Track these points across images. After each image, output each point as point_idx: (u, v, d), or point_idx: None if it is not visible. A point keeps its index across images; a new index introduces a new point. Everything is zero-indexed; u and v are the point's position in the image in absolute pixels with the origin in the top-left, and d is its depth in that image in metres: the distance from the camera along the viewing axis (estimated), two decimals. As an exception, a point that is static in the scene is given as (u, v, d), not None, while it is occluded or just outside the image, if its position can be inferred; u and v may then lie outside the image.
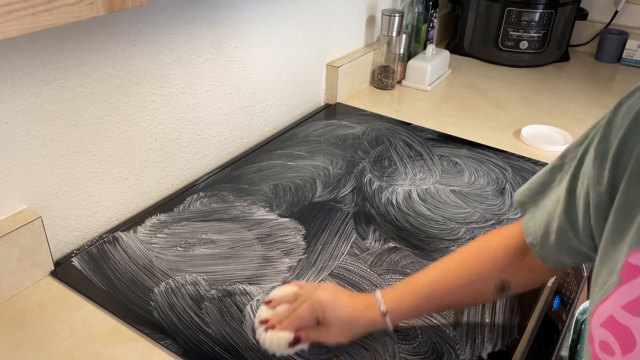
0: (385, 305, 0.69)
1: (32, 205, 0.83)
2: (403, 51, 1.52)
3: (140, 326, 0.76)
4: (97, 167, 0.91)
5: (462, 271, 0.70)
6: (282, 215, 0.99)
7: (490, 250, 0.70)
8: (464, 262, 0.71)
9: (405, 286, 0.72)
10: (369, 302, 0.70)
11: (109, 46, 0.86)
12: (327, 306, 0.69)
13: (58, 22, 0.51)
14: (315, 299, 0.70)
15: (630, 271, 0.46)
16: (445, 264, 0.72)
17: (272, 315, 0.72)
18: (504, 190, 1.08)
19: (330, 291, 0.71)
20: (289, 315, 0.71)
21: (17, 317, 0.78)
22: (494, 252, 0.69)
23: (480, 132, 1.32)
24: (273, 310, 0.73)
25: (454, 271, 0.71)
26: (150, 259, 0.88)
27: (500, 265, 0.68)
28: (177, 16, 0.96)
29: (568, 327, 0.90)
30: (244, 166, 1.14)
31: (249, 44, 1.14)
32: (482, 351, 0.74)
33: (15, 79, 0.75)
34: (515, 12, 1.67)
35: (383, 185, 1.09)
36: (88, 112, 0.87)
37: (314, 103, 1.43)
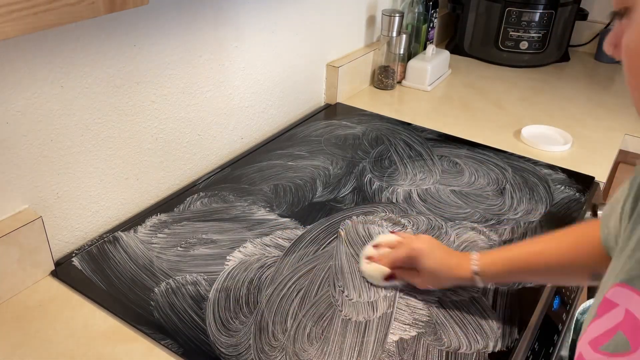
0: (478, 266, 0.76)
1: (32, 205, 0.83)
2: (403, 51, 1.52)
3: (140, 326, 0.76)
4: (98, 167, 0.91)
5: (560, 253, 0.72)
6: (282, 215, 0.99)
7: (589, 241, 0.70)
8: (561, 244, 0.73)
9: (501, 253, 0.78)
10: (461, 260, 0.78)
11: (110, 46, 0.86)
12: (420, 254, 0.79)
13: (59, 22, 0.51)
14: (412, 246, 0.81)
15: (605, 306, 0.47)
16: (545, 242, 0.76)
17: (376, 254, 0.86)
18: (504, 190, 1.08)
19: (426, 242, 0.81)
20: (389, 255, 0.83)
21: (18, 317, 0.78)
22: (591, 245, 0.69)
23: (480, 132, 1.32)
24: (377, 250, 0.86)
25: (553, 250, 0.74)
26: (150, 259, 0.88)
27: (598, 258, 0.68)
28: (177, 16, 0.96)
29: (568, 327, 0.90)
30: (244, 166, 1.14)
31: (249, 44, 1.14)
32: (482, 351, 0.74)
33: (16, 78, 0.75)
34: (515, 12, 1.67)
35: (383, 186, 1.09)
36: (88, 112, 0.87)
37: (314, 103, 1.43)
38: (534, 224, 0.99)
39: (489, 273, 0.76)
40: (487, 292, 0.83)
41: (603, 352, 0.45)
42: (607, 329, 0.46)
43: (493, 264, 0.77)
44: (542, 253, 0.75)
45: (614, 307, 0.46)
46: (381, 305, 0.81)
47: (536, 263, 0.75)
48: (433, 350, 0.74)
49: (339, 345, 0.74)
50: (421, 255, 0.79)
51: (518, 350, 0.75)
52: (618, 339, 0.45)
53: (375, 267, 0.84)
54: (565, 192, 1.09)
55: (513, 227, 0.98)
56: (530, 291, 0.84)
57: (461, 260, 0.78)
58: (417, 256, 0.79)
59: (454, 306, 0.81)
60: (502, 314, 0.80)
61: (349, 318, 0.78)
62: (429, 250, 0.79)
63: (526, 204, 1.05)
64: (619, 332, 0.45)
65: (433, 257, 0.79)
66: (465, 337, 0.76)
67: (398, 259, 0.82)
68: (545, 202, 1.05)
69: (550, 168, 1.17)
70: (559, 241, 0.74)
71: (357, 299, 0.82)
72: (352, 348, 0.74)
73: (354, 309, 0.80)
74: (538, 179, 1.13)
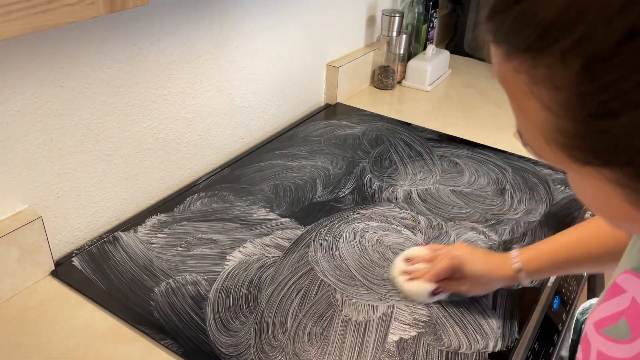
0: (520, 262, 0.75)
1: (32, 205, 0.83)
2: (403, 51, 1.52)
3: (140, 326, 0.76)
4: (98, 167, 0.91)
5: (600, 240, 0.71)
6: (282, 215, 0.99)
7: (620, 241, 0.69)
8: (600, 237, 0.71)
9: (542, 247, 0.76)
10: (503, 260, 0.77)
11: (110, 46, 0.86)
12: (464, 261, 0.77)
13: (59, 22, 0.51)
14: (454, 254, 0.78)
15: (613, 290, 0.47)
16: (583, 230, 0.75)
17: (413, 269, 0.82)
18: (504, 190, 1.08)
19: (467, 248, 0.80)
20: (430, 269, 0.80)
21: (18, 317, 0.78)
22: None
23: (480, 132, 1.32)
24: (413, 265, 0.83)
25: (593, 238, 0.72)
26: (150, 259, 0.88)
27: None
28: (177, 16, 0.96)
29: (568, 327, 0.90)
30: (244, 166, 1.14)
31: (250, 44, 1.14)
32: (482, 351, 0.74)
33: (16, 78, 0.75)
34: (515, 12, 1.66)
35: (383, 186, 1.09)
36: (88, 112, 0.87)
37: (314, 103, 1.43)
38: (534, 224, 0.99)
39: (532, 269, 0.75)
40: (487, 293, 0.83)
41: (605, 335, 0.46)
42: (611, 313, 0.46)
43: (535, 258, 0.75)
44: (584, 243, 0.73)
45: (621, 292, 0.46)
46: (381, 306, 0.81)
47: (579, 253, 0.73)
48: (433, 350, 0.74)
49: (339, 345, 0.74)
50: (464, 262, 0.77)
51: (518, 350, 0.75)
52: (620, 326, 0.45)
53: (419, 284, 0.80)
54: (565, 192, 1.09)
55: (513, 227, 0.98)
56: (530, 291, 0.84)
57: (503, 259, 0.77)
58: (460, 264, 0.77)
59: (454, 306, 0.81)
60: (502, 314, 0.80)
61: (349, 318, 0.78)
62: (471, 256, 0.78)
63: (526, 204, 1.05)
64: (622, 318, 0.45)
65: (476, 261, 0.77)
66: (465, 337, 0.76)
67: (442, 271, 0.78)
68: (545, 202, 1.05)
69: (550, 168, 1.17)
70: (596, 227, 0.73)
71: (357, 299, 0.82)
72: (352, 348, 0.74)
73: (354, 309, 0.80)
74: (538, 179, 1.13)
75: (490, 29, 0.35)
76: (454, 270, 0.78)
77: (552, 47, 0.31)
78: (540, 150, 0.37)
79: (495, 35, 0.35)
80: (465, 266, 0.77)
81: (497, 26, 0.34)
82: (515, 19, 0.32)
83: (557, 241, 0.76)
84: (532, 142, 0.37)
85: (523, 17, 0.32)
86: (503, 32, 0.34)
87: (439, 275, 0.79)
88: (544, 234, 0.97)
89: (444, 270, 0.79)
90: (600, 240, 0.72)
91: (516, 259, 0.76)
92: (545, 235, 0.96)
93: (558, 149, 0.35)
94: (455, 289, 0.80)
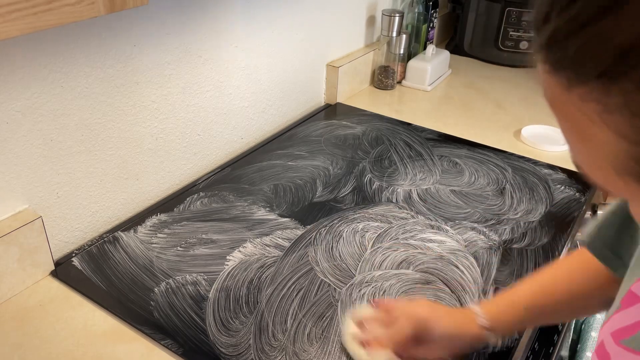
0: (485, 318, 0.67)
1: (32, 205, 0.83)
2: (403, 51, 1.52)
3: (140, 326, 0.76)
4: (98, 167, 0.91)
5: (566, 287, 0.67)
6: (282, 215, 0.99)
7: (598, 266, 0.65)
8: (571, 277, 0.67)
9: (505, 299, 0.70)
10: (468, 316, 0.68)
11: (110, 46, 0.86)
12: (428, 321, 0.67)
13: (59, 22, 0.51)
14: (415, 315, 0.68)
15: (629, 299, 0.46)
16: (549, 277, 0.69)
17: (367, 334, 0.70)
18: (504, 190, 1.08)
19: (428, 306, 0.70)
20: (390, 335, 0.68)
21: (18, 317, 0.78)
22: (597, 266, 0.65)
23: (480, 132, 1.32)
24: (367, 331, 0.71)
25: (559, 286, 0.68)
26: (150, 259, 0.88)
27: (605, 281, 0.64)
28: (177, 16, 0.96)
29: (568, 327, 0.90)
30: (244, 166, 1.14)
31: (250, 44, 1.14)
32: (482, 351, 0.74)
33: (15, 78, 0.75)
34: (515, 12, 1.67)
35: (383, 185, 1.09)
36: (88, 112, 0.87)
37: (314, 103, 1.43)
38: (534, 224, 0.99)
39: (500, 324, 0.68)
40: (487, 293, 0.83)
41: (624, 346, 0.44)
42: (630, 323, 0.44)
43: (501, 312, 0.68)
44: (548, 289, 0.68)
45: (638, 301, 0.45)
46: (381, 305, 0.80)
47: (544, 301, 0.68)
48: (433, 350, 0.74)
49: (339, 345, 0.74)
50: (429, 323, 0.67)
51: (518, 350, 0.75)
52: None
53: (378, 354, 0.67)
54: (565, 192, 1.09)
55: (513, 227, 0.98)
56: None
57: (467, 314, 0.69)
58: (425, 323, 0.67)
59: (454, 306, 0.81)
60: (502, 314, 0.80)
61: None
62: (435, 314, 0.68)
63: (526, 204, 1.05)
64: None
65: (441, 320, 0.67)
66: (465, 337, 0.76)
67: (404, 336, 0.67)
68: (545, 202, 1.05)
69: (550, 168, 1.17)
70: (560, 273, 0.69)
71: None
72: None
73: (354, 309, 0.80)
74: (538, 179, 1.13)
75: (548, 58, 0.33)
76: (420, 333, 0.67)
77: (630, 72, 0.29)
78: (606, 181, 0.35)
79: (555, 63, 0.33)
80: (433, 328, 0.67)
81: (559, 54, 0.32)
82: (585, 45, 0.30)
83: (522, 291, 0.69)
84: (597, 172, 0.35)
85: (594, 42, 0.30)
86: (567, 59, 0.32)
87: (400, 340, 0.67)
88: (544, 234, 0.97)
89: (405, 335, 0.67)
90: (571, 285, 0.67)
91: (480, 315, 0.68)
92: (545, 235, 0.96)
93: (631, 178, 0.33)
94: (419, 354, 0.68)
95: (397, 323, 0.68)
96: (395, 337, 0.67)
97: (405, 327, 0.67)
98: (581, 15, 0.30)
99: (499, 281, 0.86)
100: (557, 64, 0.33)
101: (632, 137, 0.31)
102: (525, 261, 0.90)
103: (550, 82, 0.34)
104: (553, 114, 0.36)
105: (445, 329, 0.67)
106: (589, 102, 0.32)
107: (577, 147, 0.36)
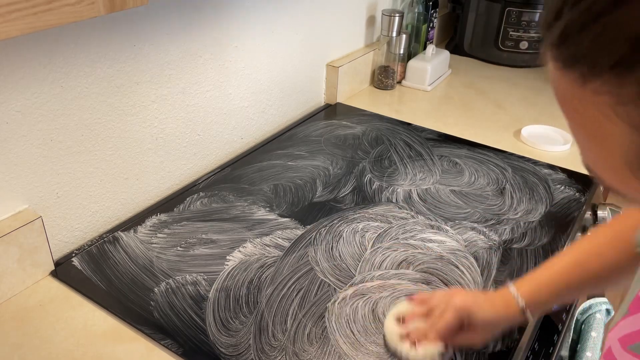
0: (523, 299, 0.69)
1: (32, 205, 0.83)
2: (403, 51, 1.52)
3: (140, 326, 0.76)
4: (98, 167, 0.91)
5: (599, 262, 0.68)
6: (282, 215, 0.99)
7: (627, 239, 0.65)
8: (600, 253, 0.68)
9: (540, 277, 0.71)
10: (505, 299, 0.70)
11: (110, 46, 0.86)
12: (471, 310, 0.69)
13: (59, 22, 0.51)
14: (457, 305, 0.69)
15: (637, 304, 0.45)
16: (581, 252, 0.70)
17: (412, 329, 0.71)
18: (504, 190, 1.08)
19: (466, 294, 0.72)
20: (433, 326, 0.70)
21: (18, 317, 0.78)
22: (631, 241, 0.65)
23: (480, 132, 1.32)
24: (408, 326, 0.72)
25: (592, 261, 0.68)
26: (150, 259, 0.88)
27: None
28: (177, 16, 0.96)
29: (568, 327, 0.90)
30: (244, 166, 1.14)
31: (249, 44, 1.14)
32: (482, 351, 0.74)
33: (15, 78, 0.75)
34: (515, 12, 1.67)
35: (383, 185, 1.09)
36: (88, 112, 0.87)
37: (314, 103, 1.43)
38: (534, 224, 0.99)
39: (536, 303, 0.69)
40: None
41: (632, 352, 0.43)
42: (638, 329, 0.44)
43: (537, 291, 0.70)
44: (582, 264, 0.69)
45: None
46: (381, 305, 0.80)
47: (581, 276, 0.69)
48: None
49: (338, 344, 0.74)
50: (472, 311, 0.69)
51: (518, 350, 0.75)
52: None
53: (427, 348, 0.69)
54: (565, 192, 1.09)
55: (513, 227, 0.98)
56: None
57: (505, 297, 0.70)
58: (467, 313, 0.69)
59: (454, 306, 0.81)
60: (502, 314, 0.80)
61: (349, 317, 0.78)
62: (475, 303, 0.70)
63: (526, 204, 1.05)
64: None
65: (482, 307, 0.70)
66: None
67: (449, 326, 0.69)
68: (545, 202, 1.05)
69: (550, 168, 1.17)
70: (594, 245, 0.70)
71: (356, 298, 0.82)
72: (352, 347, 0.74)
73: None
74: (538, 179, 1.13)
75: (560, 55, 0.33)
76: (461, 322, 0.69)
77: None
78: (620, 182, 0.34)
79: (568, 59, 0.33)
80: (474, 314, 0.69)
81: (572, 48, 0.32)
82: (597, 36, 0.30)
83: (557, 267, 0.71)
84: (610, 173, 0.35)
85: (609, 32, 0.30)
86: (581, 53, 0.32)
87: (447, 331, 0.69)
88: (544, 234, 0.97)
89: (450, 325, 0.69)
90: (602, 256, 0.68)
91: (518, 297, 0.69)
92: (545, 235, 0.96)
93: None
94: (467, 342, 0.71)
95: (440, 314, 0.70)
96: (439, 327, 0.69)
97: (449, 317, 0.69)
98: (595, 5, 0.31)
99: (499, 281, 0.86)
100: (570, 60, 0.33)
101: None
102: (525, 261, 0.90)
103: (562, 80, 0.34)
104: (564, 114, 0.36)
105: (487, 315, 0.69)
106: (603, 95, 0.31)
107: (590, 147, 0.35)
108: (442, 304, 0.71)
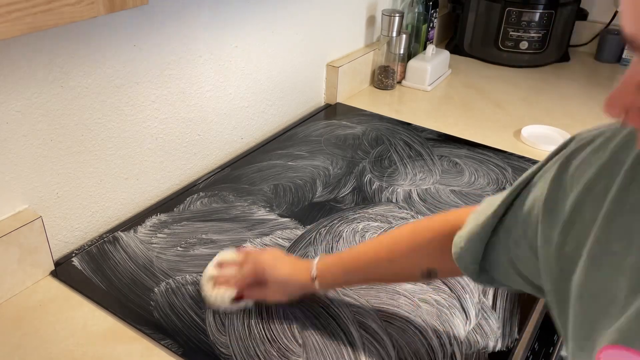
0: (316, 270, 0.75)
1: (32, 205, 0.83)
2: (403, 51, 1.52)
3: (140, 326, 0.76)
4: (98, 167, 0.91)
5: (392, 252, 0.72)
6: (282, 215, 0.99)
7: (424, 238, 0.70)
8: (395, 244, 0.73)
9: (338, 256, 0.77)
10: (306, 267, 0.76)
11: (110, 46, 0.86)
12: (266, 266, 0.76)
13: (59, 22, 0.51)
14: (256, 260, 0.78)
15: None
16: (379, 241, 0.77)
17: (220, 274, 0.79)
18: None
19: (272, 254, 0.79)
20: (235, 274, 0.78)
21: (18, 317, 0.78)
22: (427, 241, 0.70)
23: (480, 132, 1.32)
24: (222, 271, 0.80)
25: (385, 250, 0.73)
26: (150, 259, 0.88)
27: (430, 255, 0.69)
28: (177, 16, 0.96)
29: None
30: (244, 166, 1.14)
31: (249, 44, 1.14)
32: (482, 351, 0.74)
33: (15, 78, 0.75)
34: (515, 12, 1.67)
35: (383, 185, 1.09)
36: (88, 112, 0.87)
37: (314, 103, 1.43)
38: (534, 224, 0.99)
39: (326, 276, 0.75)
40: (487, 293, 0.83)
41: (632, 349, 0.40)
42: None
43: (332, 265, 0.75)
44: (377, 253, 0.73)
45: None
46: (381, 305, 0.81)
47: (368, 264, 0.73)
48: (433, 350, 0.74)
49: (337, 345, 0.74)
50: (267, 267, 0.76)
51: (518, 350, 0.75)
52: None
53: (220, 292, 0.77)
54: (565, 192, 1.08)
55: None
56: (530, 291, 0.84)
57: (307, 265, 0.76)
58: (263, 269, 0.76)
59: (454, 306, 0.81)
60: (502, 314, 0.80)
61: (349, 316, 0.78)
62: (274, 261, 0.77)
63: (526, 204, 1.04)
64: None
65: (278, 267, 0.76)
66: (465, 337, 0.76)
67: (247, 276, 0.77)
68: (545, 202, 1.05)
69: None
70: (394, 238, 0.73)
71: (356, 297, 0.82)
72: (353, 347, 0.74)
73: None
74: (538, 179, 1.12)
75: None
76: (259, 275, 0.77)
77: None
78: None
79: None
80: (268, 271, 0.76)
81: None
82: None
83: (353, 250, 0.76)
84: None
85: None
86: None
87: (244, 280, 0.77)
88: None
89: (247, 277, 0.77)
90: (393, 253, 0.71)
91: (314, 267, 0.75)
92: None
93: None
94: (258, 295, 0.78)
95: (244, 266, 0.78)
96: (239, 279, 0.78)
97: (246, 269, 0.78)
98: None
99: (499, 281, 0.86)
100: None
101: None
102: (525, 261, 0.90)
103: None
104: None
105: (279, 275, 0.76)
106: None
107: None
108: (252, 257, 0.79)
